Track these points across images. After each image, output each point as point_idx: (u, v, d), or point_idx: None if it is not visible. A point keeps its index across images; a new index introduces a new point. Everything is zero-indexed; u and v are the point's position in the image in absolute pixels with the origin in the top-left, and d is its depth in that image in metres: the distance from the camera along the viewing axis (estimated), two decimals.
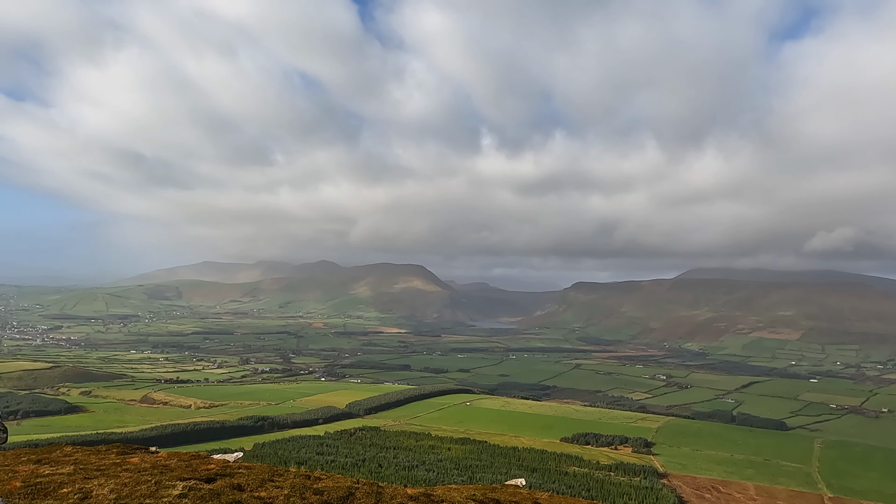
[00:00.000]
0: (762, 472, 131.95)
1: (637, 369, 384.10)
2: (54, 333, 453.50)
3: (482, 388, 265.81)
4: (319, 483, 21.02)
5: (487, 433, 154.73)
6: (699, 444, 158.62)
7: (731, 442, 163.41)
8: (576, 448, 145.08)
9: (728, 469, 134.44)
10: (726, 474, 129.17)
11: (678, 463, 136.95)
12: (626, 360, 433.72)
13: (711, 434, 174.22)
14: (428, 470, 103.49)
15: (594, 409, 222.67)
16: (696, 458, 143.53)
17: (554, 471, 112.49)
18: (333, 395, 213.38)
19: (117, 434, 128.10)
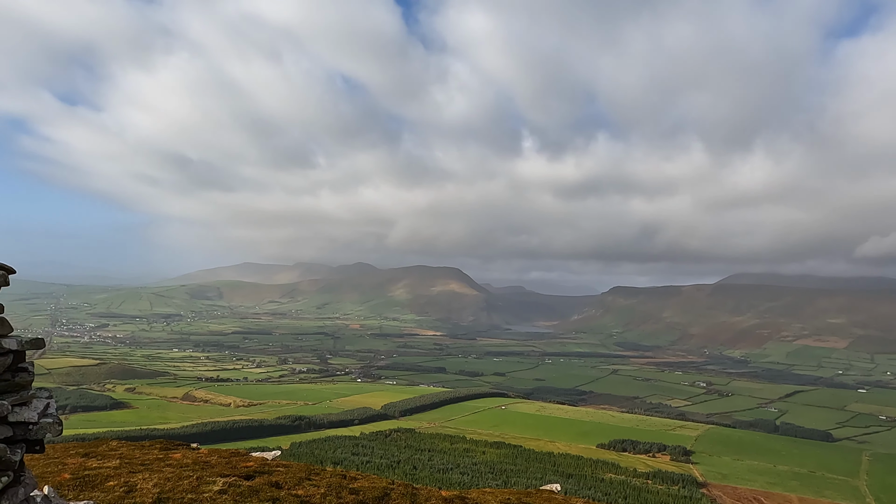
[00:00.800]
0: (807, 485, 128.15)
1: (676, 376, 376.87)
2: (101, 331, 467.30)
3: (517, 393, 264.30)
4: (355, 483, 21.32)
5: (522, 437, 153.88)
6: (740, 454, 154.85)
7: (774, 452, 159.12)
8: (612, 455, 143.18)
9: (771, 480, 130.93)
10: (769, 485, 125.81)
11: (718, 473, 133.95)
12: (665, 367, 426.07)
13: (753, 444, 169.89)
14: (462, 473, 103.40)
15: (631, 415, 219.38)
16: (737, 468, 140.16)
17: (590, 477, 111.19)
18: (369, 397, 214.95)
19: (160, 430, 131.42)
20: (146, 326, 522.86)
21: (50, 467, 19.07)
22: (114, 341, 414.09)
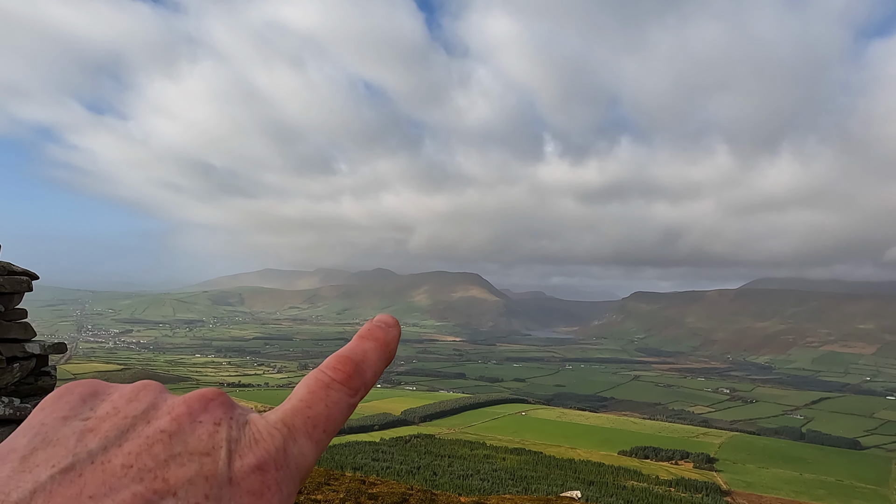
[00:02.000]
0: (834, 494, 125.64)
1: (699, 382, 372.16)
2: (125, 337, 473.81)
3: (538, 399, 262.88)
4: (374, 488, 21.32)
5: (543, 444, 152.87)
6: (765, 462, 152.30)
7: (800, 460, 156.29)
8: (634, 462, 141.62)
9: (797, 489, 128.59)
10: (795, 494, 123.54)
11: (742, 480, 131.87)
12: (687, 373, 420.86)
13: (779, 451, 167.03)
14: (482, 479, 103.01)
15: (653, 422, 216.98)
16: (761, 476, 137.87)
17: (611, 484, 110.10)
18: (389, 402, 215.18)
19: None
20: (169, 332, 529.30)
21: None
22: (138, 347, 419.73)
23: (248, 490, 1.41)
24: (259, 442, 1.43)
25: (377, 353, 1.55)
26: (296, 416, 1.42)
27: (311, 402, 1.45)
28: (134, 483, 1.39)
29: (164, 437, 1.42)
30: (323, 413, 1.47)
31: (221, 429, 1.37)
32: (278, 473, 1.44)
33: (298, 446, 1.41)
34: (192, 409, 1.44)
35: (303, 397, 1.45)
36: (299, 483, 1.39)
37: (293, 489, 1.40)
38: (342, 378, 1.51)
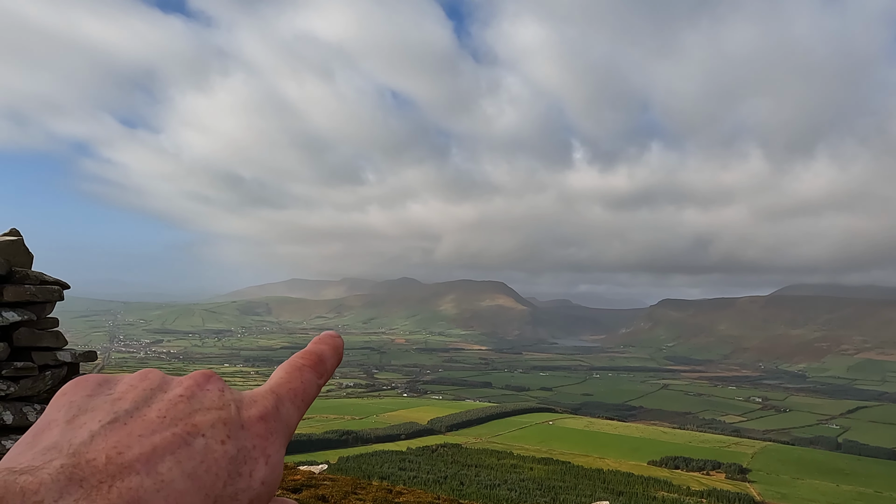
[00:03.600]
0: None
1: (730, 391, 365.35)
2: (156, 347, 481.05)
3: (565, 408, 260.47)
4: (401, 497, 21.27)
5: (571, 454, 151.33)
6: (800, 473, 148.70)
7: (837, 471, 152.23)
8: (664, 472, 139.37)
9: (833, 501, 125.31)
10: None
11: (777, 492, 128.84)
12: (718, 381, 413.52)
13: (814, 462, 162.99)
14: (510, 489, 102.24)
15: (683, 431, 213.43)
16: (796, 487, 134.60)
17: (641, 495, 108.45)
18: (415, 411, 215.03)
19: None
20: (198, 342, 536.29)
21: None
22: (168, 356, 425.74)
23: (256, 433, 1.80)
24: (257, 401, 1.77)
25: (331, 352, 1.81)
26: (280, 387, 1.72)
27: (290, 379, 1.73)
28: (171, 426, 1.79)
29: (184, 400, 1.82)
30: (300, 387, 1.74)
31: (226, 392, 1.74)
32: (276, 424, 1.79)
33: (286, 407, 1.73)
34: (199, 381, 1.85)
35: (282, 376, 1.73)
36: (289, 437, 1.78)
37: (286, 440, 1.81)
38: (311, 363, 1.77)
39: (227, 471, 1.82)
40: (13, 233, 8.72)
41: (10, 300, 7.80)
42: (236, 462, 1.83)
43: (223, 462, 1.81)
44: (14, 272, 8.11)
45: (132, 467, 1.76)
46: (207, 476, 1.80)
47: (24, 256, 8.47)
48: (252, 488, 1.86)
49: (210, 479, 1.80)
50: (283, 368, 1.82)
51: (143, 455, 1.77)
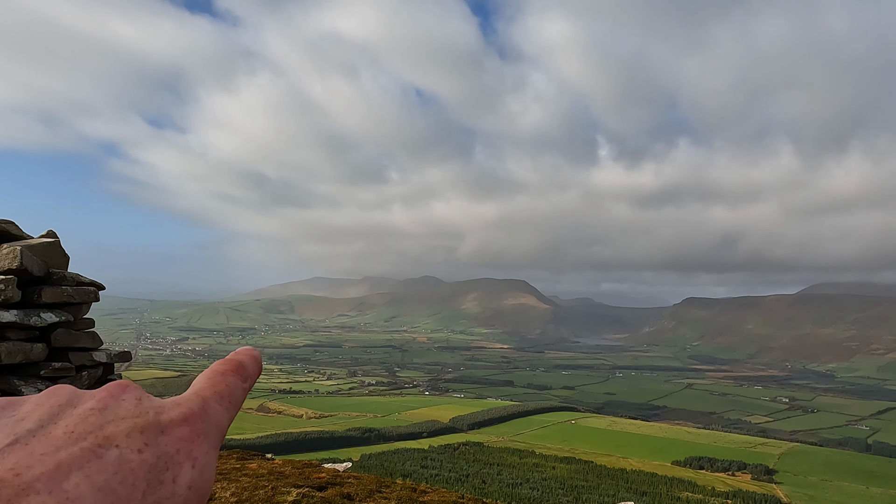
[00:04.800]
0: None
1: (756, 391, 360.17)
2: (181, 344, 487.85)
3: (587, 407, 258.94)
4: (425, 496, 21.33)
5: (593, 453, 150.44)
6: (828, 474, 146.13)
7: (867, 473, 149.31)
8: (688, 472, 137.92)
9: (863, 503, 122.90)
10: None
11: (804, 493, 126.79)
12: (744, 381, 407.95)
13: (843, 463, 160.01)
14: (532, 488, 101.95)
15: (708, 431, 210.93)
16: (825, 489, 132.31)
17: (665, 495, 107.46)
18: (437, 410, 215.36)
19: (237, 440, 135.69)
20: (223, 339, 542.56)
21: None
22: (193, 354, 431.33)
23: (179, 437, 1.69)
24: (181, 404, 1.70)
25: (250, 361, 1.70)
26: (204, 390, 1.65)
27: (214, 383, 1.66)
28: (80, 441, 1.70)
29: (95, 412, 1.71)
30: (225, 390, 1.66)
31: (144, 401, 1.63)
32: (203, 426, 1.69)
33: (213, 409, 1.64)
34: (113, 392, 1.73)
35: (205, 382, 1.66)
36: (221, 438, 1.64)
37: (217, 441, 1.66)
38: (232, 369, 1.68)
39: (145, 480, 1.73)
40: (50, 235, 8.92)
41: (47, 301, 7.99)
42: (156, 470, 1.73)
43: (140, 472, 1.73)
44: (51, 274, 8.30)
45: (32, 487, 1.69)
46: (123, 488, 1.72)
47: (61, 258, 8.66)
48: (178, 495, 1.75)
49: (126, 490, 1.72)
50: (205, 375, 1.78)
51: (45, 474, 1.70)
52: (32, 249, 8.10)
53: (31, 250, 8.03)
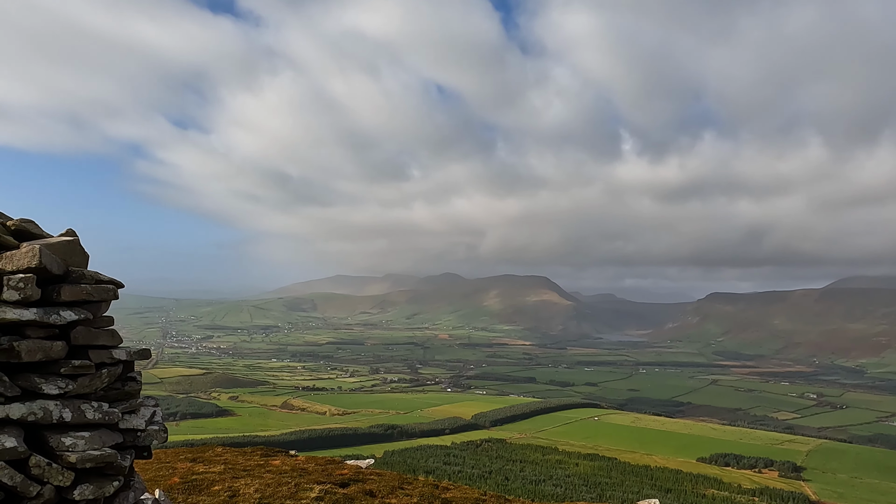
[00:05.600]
0: None
1: (782, 387, 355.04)
2: (206, 342, 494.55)
3: (610, 403, 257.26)
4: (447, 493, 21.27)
5: (617, 450, 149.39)
6: (858, 472, 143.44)
7: None
8: (714, 469, 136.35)
9: (894, 501, 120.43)
10: None
11: (833, 491, 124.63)
12: (770, 377, 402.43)
13: (873, 461, 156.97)
14: (555, 485, 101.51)
15: (734, 428, 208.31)
16: (854, 487, 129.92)
17: (690, 493, 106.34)
18: (459, 406, 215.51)
19: (261, 437, 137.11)
20: (247, 338, 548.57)
21: (162, 471, 20.21)
22: (218, 352, 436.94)
23: None
24: None
25: None
26: None
27: None
28: None
29: None
30: None
31: None
32: None
33: None
34: None
35: None
36: None
37: None
38: None
39: None
40: (69, 233, 8.96)
41: (67, 299, 8.02)
42: None
43: None
44: (70, 272, 8.33)
45: None
46: None
47: (80, 256, 8.69)
48: None
49: None
50: None
51: None
52: (51, 248, 8.12)
53: (50, 249, 8.06)
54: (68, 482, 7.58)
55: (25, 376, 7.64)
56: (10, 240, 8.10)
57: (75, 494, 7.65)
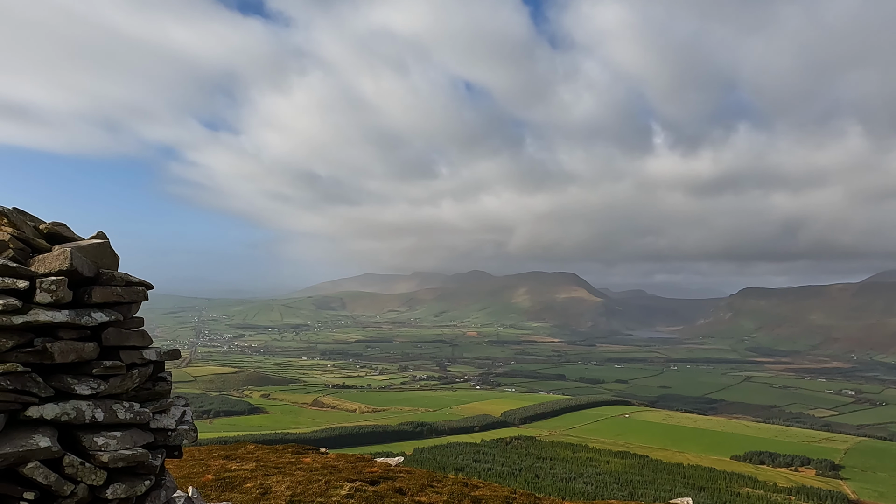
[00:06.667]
0: None
1: (819, 383, 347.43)
2: (238, 341, 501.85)
3: (641, 401, 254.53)
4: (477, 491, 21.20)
5: (648, 447, 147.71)
6: None
7: None
8: (749, 467, 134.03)
9: None
10: None
11: (873, 490, 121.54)
12: (806, 373, 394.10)
13: None
14: (586, 483, 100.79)
15: (769, 425, 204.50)
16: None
17: (724, 491, 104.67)
18: (488, 404, 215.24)
19: (292, 434, 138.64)
20: (277, 336, 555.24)
21: (196, 468, 20.52)
22: (250, 350, 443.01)
23: None
24: None
25: None
26: None
27: None
28: None
29: None
30: None
31: None
32: None
33: None
34: None
35: None
36: None
37: None
38: None
39: None
40: (100, 236, 9.10)
41: (98, 301, 8.15)
42: None
43: None
44: (101, 274, 8.47)
45: None
46: None
47: (111, 258, 8.83)
48: None
49: None
50: None
51: None
52: (82, 250, 8.25)
53: (81, 251, 8.19)
54: (101, 481, 7.69)
55: (58, 377, 7.77)
56: (42, 243, 8.26)
57: (108, 493, 7.75)
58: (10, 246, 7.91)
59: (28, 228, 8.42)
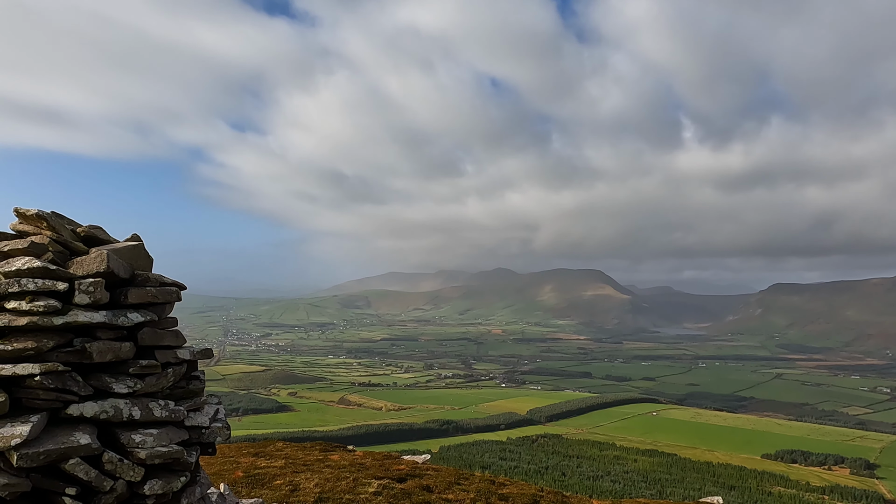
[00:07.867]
0: None
1: (853, 381, 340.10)
2: (265, 340, 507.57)
3: (669, 398, 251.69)
4: (504, 489, 21.23)
5: (677, 446, 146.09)
6: None
7: None
8: (780, 466, 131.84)
9: None
10: None
11: None
12: (839, 371, 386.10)
13: None
14: (613, 481, 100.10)
15: (801, 423, 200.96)
16: None
17: (755, 490, 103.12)
18: (514, 402, 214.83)
19: (319, 432, 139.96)
20: (304, 335, 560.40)
21: (226, 466, 20.89)
22: (277, 349, 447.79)
23: None
24: None
25: None
26: None
27: None
28: None
29: None
30: None
31: None
32: None
33: None
34: None
35: None
36: None
37: None
38: None
39: None
40: (134, 238, 9.37)
41: (133, 302, 8.42)
42: None
43: None
44: (136, 275, 8.73)
45: None
46: None
47: (145, 260, 9.10)
48: None
49: None
50: None
51: None
52: (118, 253, 8.49)
53: (117, 254, 8.43)
54: (139, 477, 7.92)
55: (97, 376, 8.03)
56: (80, 246, 8.53)
57: (145, 489, 7.98)
58: (49, 249, 8.20)
59: (66, 231, 8.70)
